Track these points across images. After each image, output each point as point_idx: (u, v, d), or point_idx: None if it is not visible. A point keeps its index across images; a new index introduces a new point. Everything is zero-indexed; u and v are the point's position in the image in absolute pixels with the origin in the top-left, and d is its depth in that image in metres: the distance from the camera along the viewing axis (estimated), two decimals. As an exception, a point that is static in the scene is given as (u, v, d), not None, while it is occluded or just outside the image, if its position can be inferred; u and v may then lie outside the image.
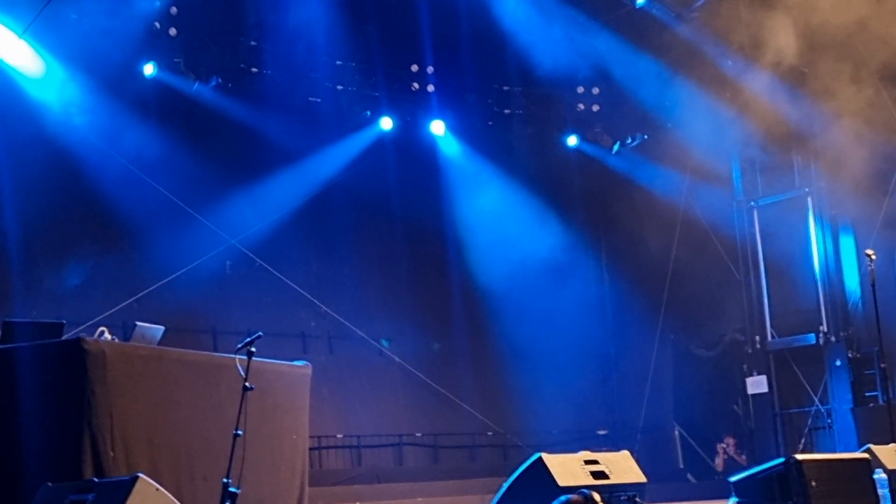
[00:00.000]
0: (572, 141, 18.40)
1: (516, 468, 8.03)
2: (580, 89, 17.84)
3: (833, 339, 16.55)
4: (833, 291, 16.76)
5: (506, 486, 7.72)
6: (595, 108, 18.02)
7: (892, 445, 10.04)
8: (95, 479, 7.05)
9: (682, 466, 18.13)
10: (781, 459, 8.40)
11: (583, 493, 4.91)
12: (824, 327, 16.61)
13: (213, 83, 15.05)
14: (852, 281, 16.68)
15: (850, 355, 16.41)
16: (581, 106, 18.02)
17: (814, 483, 8.17)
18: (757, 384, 17.26)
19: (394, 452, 16.75)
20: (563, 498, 4.91)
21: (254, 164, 15.25)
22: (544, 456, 7.55)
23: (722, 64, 16.57)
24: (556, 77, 17.13)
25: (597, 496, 4.89)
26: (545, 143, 18.07)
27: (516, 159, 17.71)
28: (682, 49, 16.40)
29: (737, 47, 16.54)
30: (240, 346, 7.85)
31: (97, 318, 12.36)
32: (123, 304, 13.64)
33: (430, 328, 17.22)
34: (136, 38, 14.07)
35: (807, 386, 16.82)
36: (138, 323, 8.87)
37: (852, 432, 15.54)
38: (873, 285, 11.75)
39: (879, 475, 8.83)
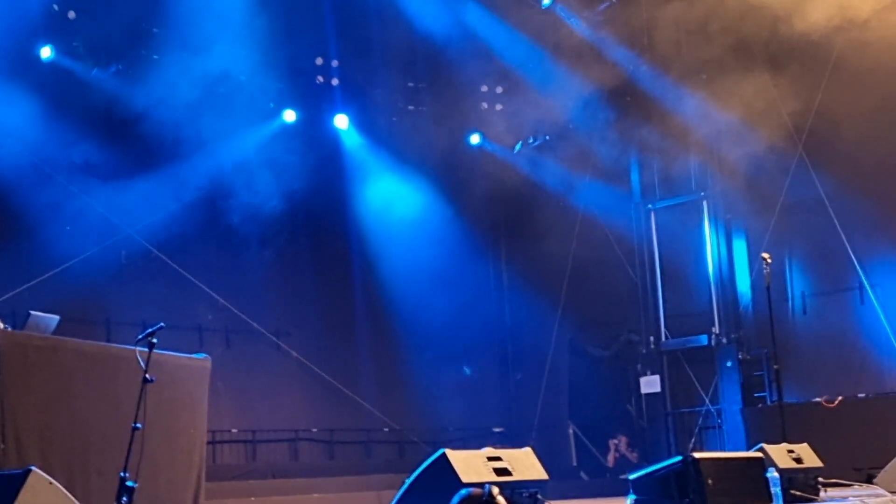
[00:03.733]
0: (475, 139, 18.48)
1: (413, 464, 8.00)
2: (484, 88, 17.92)
3: (724, 340, 16.93)
4: (725, 294, 17.15)
5: (409, 481, 7.69)
6: (498, 107, 18.11)
7: (783, 445, 10.30)
8: (-15, 472, 6.83)
9: (575, 464, 18.34)
10: (679, 458, 8.54)
11: (485, 487, 4.91)
12: (716, 329, 16.97)
13: (113, 69, 14.70)
14: (744, 284, 17.11)
15: (740, 357, 16.82)
16: (484, 105, 18.10)
17: (710, 481, 8.32)
18: (650, 384, 17.56)
19: (289, 447, 16.61)
20: (463, 492, 4.90)
21: (153, 153, 14.92)
22: (448, 452, 7.54)
23: (623, 67, 16.82)
24: (461, 75, 17.18)
25: (496, 490, 4.88)
26: (448, 140, 18.07)
27: (420, 156, 17.68)
28: (586, 51, 16.60)
29: (638, 51, 16.81)
30: (140, 336, 7.68)
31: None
32: (13, 292, 13.24)
33: (329, 323, 17.12)
34: (32, 20, 13.66)
35: (698, 386, 17.17)
36: (32, 312, 8.60)
37: (741, 432, 15.94)
38: (768, 288, 12.00)
39: (772, 474, 9.03)
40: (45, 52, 14.20)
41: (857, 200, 15.47)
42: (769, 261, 11.97)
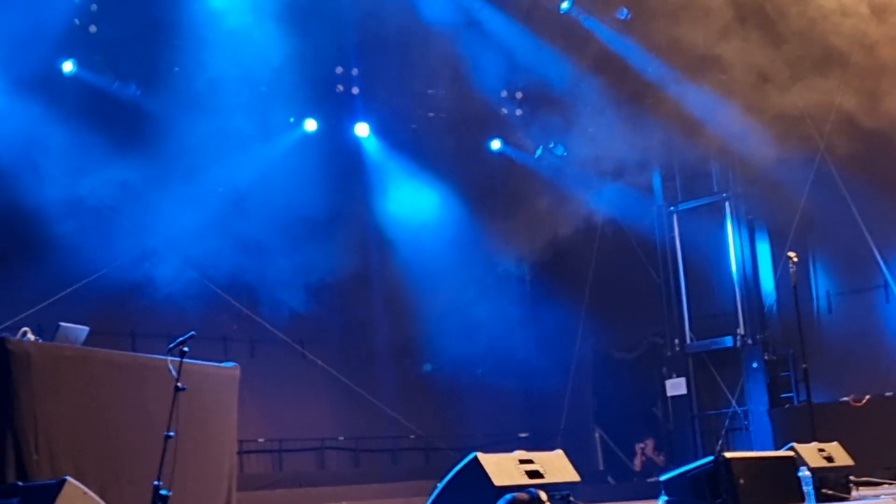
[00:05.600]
0: (496, 145, 18.50)
1: (439, 471, 8.00)
2: (504, 93, 17.91)
3: (750, 341, 16.88)
4: (750, 295, 17.10)
5: (441, 486, 7.68)
6: (518, 112, 18.11)
7: (813, 444, 10.25)
8: (20, 483, 6.85)
9: (602, 468, 18.30)
10: (710, 458, 8.51)
11: (530, 491, 4.91)
12: (741, 330, 16.93)
13: (134, 82, 14.79)
14: (768, 284, 17.05)
15: (766, 357, 16.76)
16: (504, 110, 18.10)
17: (742, 481, 8.29)
18: (676, 386, 17.51)
19: (316, 456, 16.64)
20: (508, 496, 4.89)
21: (175, 165, 14.95)
22: (480, 456, 7.53)
23: (643, 70, 16.79)
24: (480, 81, 17.17)
25: (543, 495, 4.88)
26: (469, 146, 18.09)
27: (440, 163, 17.68)
28: (605, 54, 16.58)
29: (657, 54, 16.78)
30: (172, 345, 7.71)
31: (14, 320, 12.03)
32: (40, 305, 13.32)
33: (352, 331, 17.14)
34: (55, 34, 13.77)
35: (724, 388, 17.12)
36: (62, 323, 8.63)
37: (768, 433, 15.88)
38: (795, 287, 11.96)
39: (804, 473, 8.99)
40: (68, 67, 14.31)
41: (880, 198, 15.41)
42: (795, 260, 11.92)
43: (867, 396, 14.60)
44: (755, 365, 16.75)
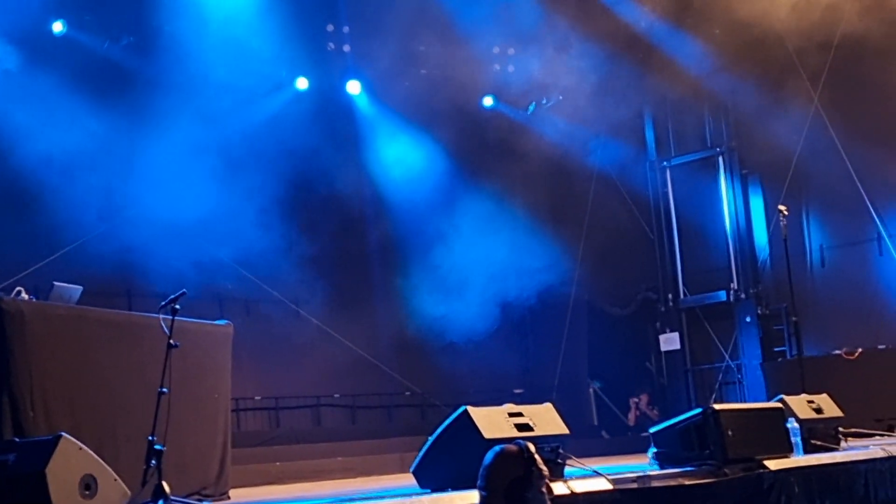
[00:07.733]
0: (488, 102, 18.45)
1: (435, 427, 8.04)
2: (496, 50, 17.84)
3: (743, 296, 16.98)
4: (743, 249, 17.19)
5: (431, 439, 7.75)
6: (510, 68, 18.05)
7: (802, 396, 10.34)
8: (17, 440, 6.93)
9: (596, 423, 18.43)
10: (699, 410, 8.59)
11: (518, 443, 4.97)
12: (735, 284, 17.02)
13: (125, 41, 14.73)
14: (762, 239, 17.12)
15: (759, 312, 16.86)
16: (497, 67, 18.03)
17: (730, 432, 8.37)
18: (670, 341, 17.63)
19: (312, 413, 16.74)
20: (497, 448, 4.95)
21: (167, 125, 14.88)
22: (470, 409, 7.59)
23: (635, 23, 16.73)
24: (472, 37, 17.09)
25: (532, 446, 4.94)
26: (462, 103, 18.00)
27: (433, 120, 17.59)
28: (596, 8, 16.51)
29: (649, 6, 16.71)
30: (164, 303, 7.75)
31: (9, 281, 12.05)
32: (35, 266, 13.34)
33: (347, 289, 17.16)
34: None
35: (718, 342, 17.23)
36: (56, 283, 8.69)
37: (761, 386, 16.01)
38: (785, 240, 12.02)
39: (792, 424, 9.08)
40: (57, 27, 14.24)
41: (874, 151, 15.44)
42: (786, 213, 11.97)
43: (860, 349, 14.69)
44: (748, 319, 16.87)
